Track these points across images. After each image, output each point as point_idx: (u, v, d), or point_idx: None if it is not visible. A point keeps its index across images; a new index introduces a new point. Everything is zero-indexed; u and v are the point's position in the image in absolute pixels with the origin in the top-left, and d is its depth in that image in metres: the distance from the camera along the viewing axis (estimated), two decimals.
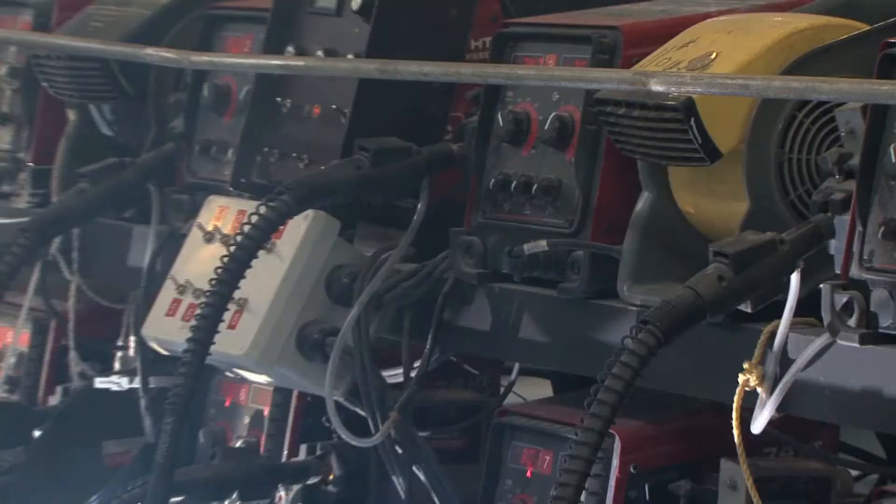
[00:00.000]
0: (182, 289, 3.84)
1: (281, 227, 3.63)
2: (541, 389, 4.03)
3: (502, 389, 4.07)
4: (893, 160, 2.95)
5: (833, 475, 3.37)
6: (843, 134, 3.07)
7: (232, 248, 3.59)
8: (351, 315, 3.64)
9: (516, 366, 4.01)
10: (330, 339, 3.67)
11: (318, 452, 3.89)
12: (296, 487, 3.87)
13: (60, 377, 4.57)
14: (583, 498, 2.91)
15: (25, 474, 4.40)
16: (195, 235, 3.91)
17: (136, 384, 4.23)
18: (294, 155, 3.93)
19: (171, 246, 4.07)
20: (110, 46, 4.23)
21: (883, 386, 3.00)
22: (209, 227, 3.88)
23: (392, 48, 3.79)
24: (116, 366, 4.39)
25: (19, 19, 4.67)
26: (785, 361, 3.04)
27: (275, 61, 3.95)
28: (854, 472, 3.53)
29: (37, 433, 4.45)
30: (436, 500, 3.71)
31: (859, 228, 3.00)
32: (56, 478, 4.35)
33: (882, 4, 3.45)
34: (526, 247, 3.53)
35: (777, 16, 3.42)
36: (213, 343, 3.54)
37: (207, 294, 3.57)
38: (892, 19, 3.29)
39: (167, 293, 3.89)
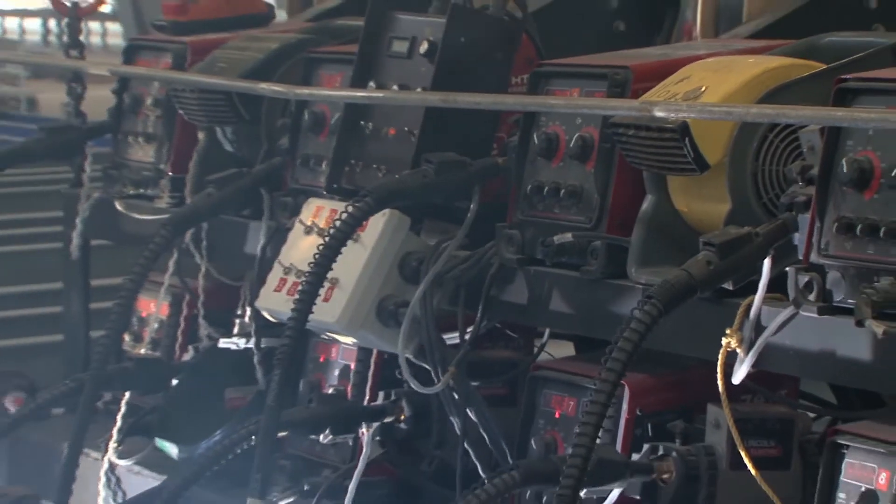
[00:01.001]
0: (287, 270, 3.85)
1: (364, 223, 3.65)
2: (566, 349, 4.03)
3: (536, 349, 4.08)
4: (845, 171, 2.97)
5: (795, 417, 3.36)
6: (805, 150, 3.07)
7: (326, 239, 3.60)
8: (419, 291, 3.66)
9: (547, 331, 4.01)
10: (402, 310, 3.68)
11: (393, 398, 3.90)
12: (374, 425, 3.87)
13: (192, 339, 4.58)
14: (599, 434, 2.93)
15: (164, 414, 4.41)
16: (297, 229, 3.93)
17: (251, 344, 4.25)
18: (374, 166, 3.93)
19: (278, 237, 4.07)
20: (232, 82, 4.25)
21: (836, 347, 3.02)
22: (308, 223, 3.89)
23: (451, 83, 3.78)
24: (235, 330, 4.40)
25: (161, 60, 4.68)
26: (758, 328, 3.06)
27: (360, 93, 3.96)
28: (812, 415, 3.53)
29: (174, 382, 4.48)
30: (484, 435, 3.71)
31: (818, 224, 3.02)
32: (188, 417, 4.35)
33: (835, 49, 3.44)
34: (555, 238, 3.53)
35: (752, 58, 3.41)
36: (311, 312, 3.56)
37: (307, 274, 3.59)
38: (843, 60, 3.30)
39: (275, 273, 3.91)
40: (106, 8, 5.73)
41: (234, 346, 4.37)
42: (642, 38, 4.34)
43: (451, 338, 3.73)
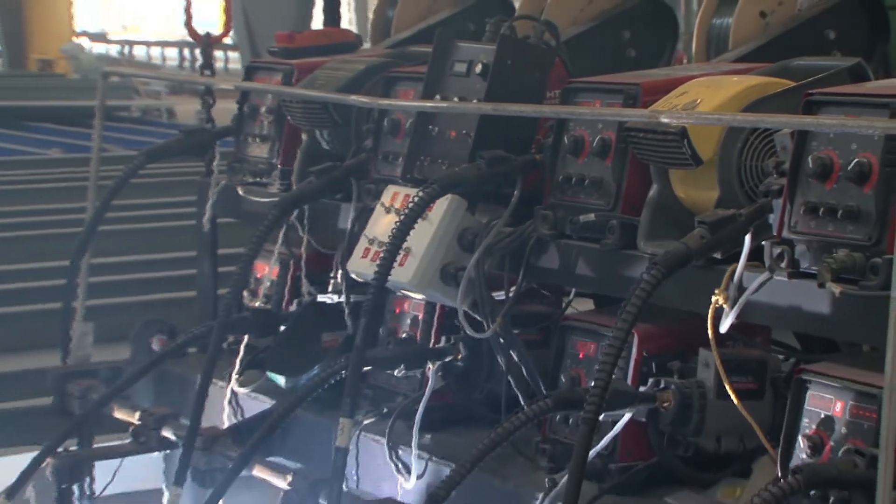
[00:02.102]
0: (371, 241, 3.86)
1: (431, 205, 3.65)
2: (587, 305, 4.02)
3: (564, 305, 4.07)
4: (810, 165, 2.95)
5: (768, 359, 3.35)
6: (778, 149, 3.06)
7: (402, 217, 3.61)
8: (473, 258, 3.66)
9: (573, 290, 4.01)
10: (460, 273, 3.67)
11: (452, 341, 3.89)
12: (438, 362, 3.87)
13: (296, 294, 4.58)
14: (614, 371, 2.92)
15: (274, 354, 4.42)
16: (379, 209, 3.93)
17: (342, 299, 4.25)
18: (439, 161, 3.92)
19: (364, 216, 4.07)
20: (329, 95, 4.24)
21: (801, 304, 3.02)
22: (387, 204, 3.90)
23: (500, 96, 3.77)
24: (330, 288, 4.41)
25: (273, 78, 4.69)
26: (741, 289, 3.04)
27: (428, 104, 3.95)
28: (781, 357, 3.51)
29: (282, 328, 4.50)
30: (524, 371, 3.70)
31: (788, 207, 3.00)
32: (293, 355, 4.36)
33: (802, 70, 3.42)
34: (581, 218, 3.52)
35: (736, 77, 3.39)
36: (390, 274, 3.57)
37: (386, 245, 3.60)
38: (809, 79, 3.27)
39: (361, 244, 3.91)
40: (227, 40, 5.79)
41: (328, 301, 4.37)
42: (649, 62, 4.33)
43: (498, 295, 3.71)
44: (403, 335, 4.05)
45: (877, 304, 2.74)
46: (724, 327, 3.06)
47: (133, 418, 4.41)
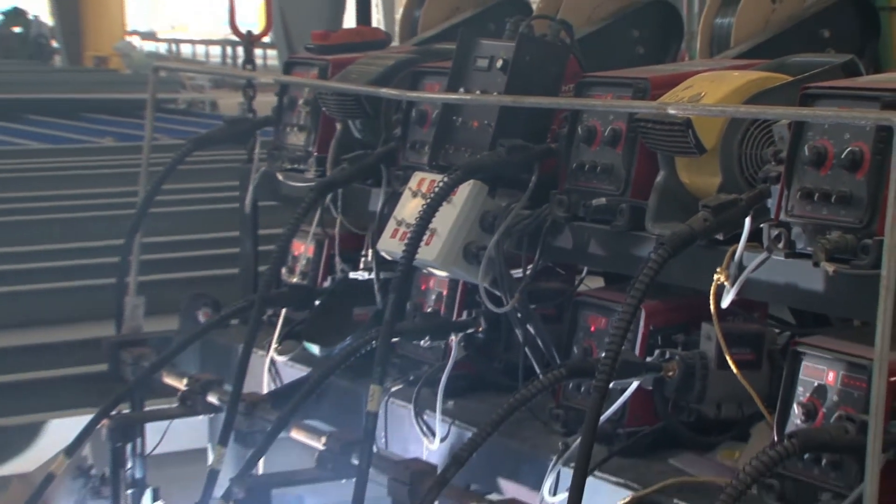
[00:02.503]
0: (399, 223, 3.85)
1: (455, 189, 3.65)
2: (599, 282, 4.01)
3: (577, 282, 4.07)
4: (806, 154, 2.95)
5: (765, 332, 3.35)
6: (776, 139, 3.06)
7: (428, 201, 3.61)
8: (493, 239, 3.65)
9: (585, 269, 4.01)
10: (482, 252, 3.66)
11: (473, 315, 3.90)
12: (460, 334, 3.88)
13: (330, 271, 4.59)
14: (623, 343, 2.93)
15: (310, 326, 4.44)
16: (407, 193, 3.93)
17: (372, 276, 4.26)
18: (462, 149, 3.91)
19: (392, 199, 4.07)
20: (361, 88, 4.25)
21: (797, 282, 3.01)
22: (415, 189, 3.89)
23: (518, 89, 3.77)
24: (361, 265, 4.42)
25: (310, 72, 4.68)
26: (741, 268, 3.03)
27: (452, 96, 3.95)
28: (777, 331, 3.51)
29: (317, 302, 4.51)
30: (539, 343, 3.71)
31: (785, 192, 3.00)
32: (327, 327, 4.38)
33: (799, 66, 3.41)
34: (593, 202, 3.51)
35: (738, 72, 3.37)
36: (417, 253, 3.58)
37: (413, 226, 3.60)
38: (805, 74, 3.26)
39: (391, 225, 3.91)
40: (266, 38, 5.80)
41: (360, 277, 4.37)
42: (656, 58, 4.32)
43: (516, 272, 3.71)
44: (429, 309, 4.05)
45: (867, 282, 2.74)
46: (725, 303, 3.06)
47: (181, 384, 4.44)
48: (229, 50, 33.69)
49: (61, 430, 6.21)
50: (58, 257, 10.38)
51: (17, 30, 33.24)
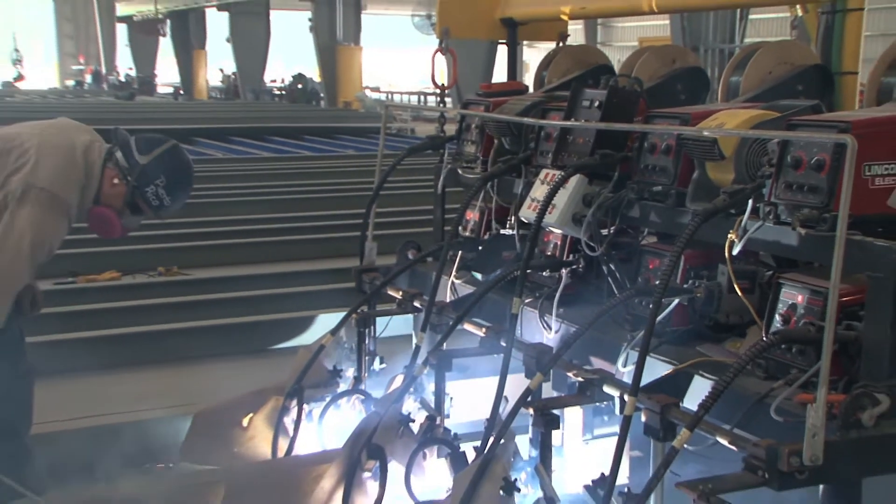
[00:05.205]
0: (533, 199, 3.85)
1: (567, 180, 3.65)
2: (654, 239, 3.96)
3: (640, 238, 4.02)
4: (788, 160, 2.92)
5: (758, 270, 3.30)
6: (770, 151, 3.02)
7: (551, 186, 3.62)
8: (591, 210, 3.65)
9: (646, 230, 3.89)
10: (584, 218, 3.66)
11: (576, 257, 3.88)
12: (568, 269, 3.87)
13: (488, 229, 4.55)
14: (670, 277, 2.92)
15: (476, 261, 4.47)
16: (538, 182, 3.91)
17: (515, 232, 4.28)
18: (573, 155, 3.86)
19: (528, 186, 4.07)
20: (511, 117, 4.24)
21: (780, 239, 2.97)
22: (543, 179, 3.88)
23: (608, 119, 3.75)
24: (507, 226, 4.41)
25: (479, 108, 4.66)
26: (745, 231, 3.00)
27: (567, 123, 3.93)
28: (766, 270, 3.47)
29: (480, 248, 4.50)
30: (616, 275, 3.65)
31: (775, 184, 2.96)
32: (486, 262, 4.40)
33: (785, 107, 3.33)
34: (654, 188, 3.51)
35: (745, 110, 3.31)
36: (543, 218, 3.60)
37: (542, 202, 3.61)
38: (787, 112, 3.21)
39: (527, 201, 3.89)
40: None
41: (507, 233, 4.39)
42: (692, 102, 4.27)
43: (606, 230, 3.70)
44: (548, 253, 4.05)
45: (826, 240, 2.71)
46: (734, 252, 3.04)
47: (398, 294, 4.49)
48: (422, 98, 33.91)
49: (328, 320, 6.36)
50: (327, 219, 10.74)
51: (300, 86, 34.04)
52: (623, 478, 3.13)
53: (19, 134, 4.02)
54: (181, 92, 38.13)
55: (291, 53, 42.61)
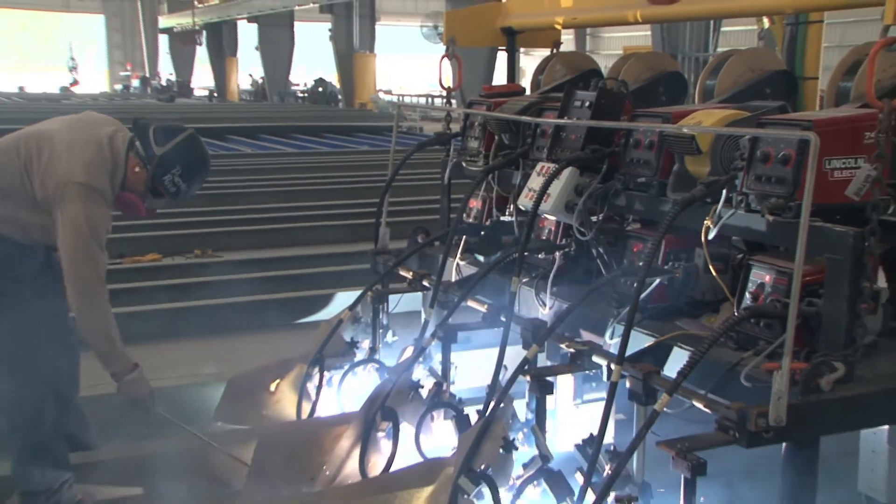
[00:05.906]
0: (529, 189, 3.80)
1: (561, 172, 3.61)
2: (638, 225, 3.95)
3: (626, 224, 4.01)
4: (758, 154, 2.90)
5: (730, 253, 3.29)
6: (741, 146, 3.00)
7: (546, 178, 3.60)
8: (581, 199, 3.62)
9: (631, 217, 3.86)
10: (575, 206, 3.62)
11: (567, 240, 3.87)
12: (561, 252, 3.84)
13: (490, 216, 4.55)
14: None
15: (478, 244, 4.43)
16: (534, 174, 3.87)
17: (513, 218, 4.28)
18: (565, 150, 3.85)
19: (525, 177, 4.03)
20: (510, 115, 4.21)
21: (750, 225, 2.96)
22: (539, 171, 3.84)
23: (598, 118, 3.72)
24: (506, 213, 4.42)
25: (481, 107, 4.63)
26: (719, 217, 2.98)
27: (560, 121, 3.92)
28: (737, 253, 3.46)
29: (482, 233, 4.46)
30: (605, 258, 3.65)
31: (746, 176, 2.95)
32: (488, 246, 4.37)
33: (755, 107, 3.32)
34: (638, 179, 3.49)
35: (719, 111, 3.29)
36: (539, 206, 3.57)
37: (537, 192, 3.59)
38: (757, 112, 3.19)
39: (525, 191, 3.84)
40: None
41: (506, 219, 4.38)
42: (672, 103, 4.24)
43: (595, 217, 3.66)
44: (543, 237, 4.02)
45: (791, 226, 2.71)
46: (710, 237, 3.03)
47: (409, 274, 4.47)
48: (429, 99, 33.78)
49: (346, 298, 6.37)
50: (345, 208, 10.70)
51: (320, 89, 34.01)
52: (609, 438, 3.15)
53: (50, 132, 3.96)
54: (215, 95, 38.16)
55: (313, 60, 42.53)
